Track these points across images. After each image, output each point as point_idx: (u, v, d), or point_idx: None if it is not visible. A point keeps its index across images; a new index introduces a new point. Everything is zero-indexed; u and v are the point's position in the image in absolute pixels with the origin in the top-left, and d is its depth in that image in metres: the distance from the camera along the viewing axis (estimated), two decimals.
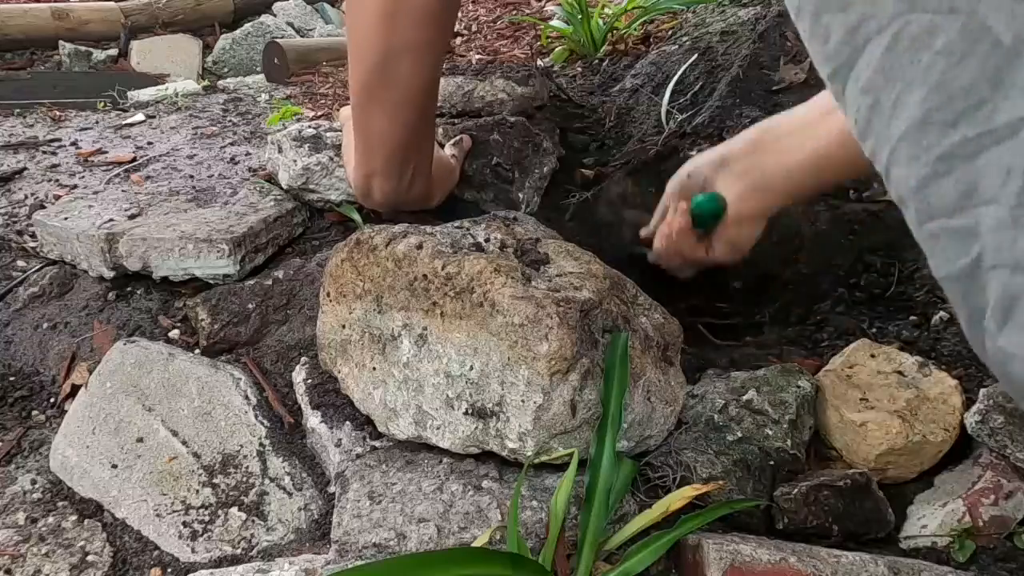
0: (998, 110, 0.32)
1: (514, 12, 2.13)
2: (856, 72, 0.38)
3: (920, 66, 0.35)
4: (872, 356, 0.88)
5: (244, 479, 0.81)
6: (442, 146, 1.08)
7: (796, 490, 0.75)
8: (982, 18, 0.33)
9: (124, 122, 1.62)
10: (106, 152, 1.45)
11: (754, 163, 0.87)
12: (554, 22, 1.79)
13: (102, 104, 1.80)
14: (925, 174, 0.35)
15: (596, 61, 1.56)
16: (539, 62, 1.66)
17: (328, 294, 0.82)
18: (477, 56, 1.83)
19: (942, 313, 0.98)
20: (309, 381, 0.87)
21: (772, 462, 0.77)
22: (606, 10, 1.68)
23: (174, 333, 0.99)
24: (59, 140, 1.54)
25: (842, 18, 0.38)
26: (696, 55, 1.30)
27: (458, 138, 1.10)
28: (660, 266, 1.03)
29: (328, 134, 1.11)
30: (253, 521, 0.79)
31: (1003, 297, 0.33)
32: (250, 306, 0.98)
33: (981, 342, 0.35)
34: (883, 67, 0.37)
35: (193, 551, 0.77)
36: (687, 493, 0.70)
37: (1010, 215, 0.32)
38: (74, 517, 0.82)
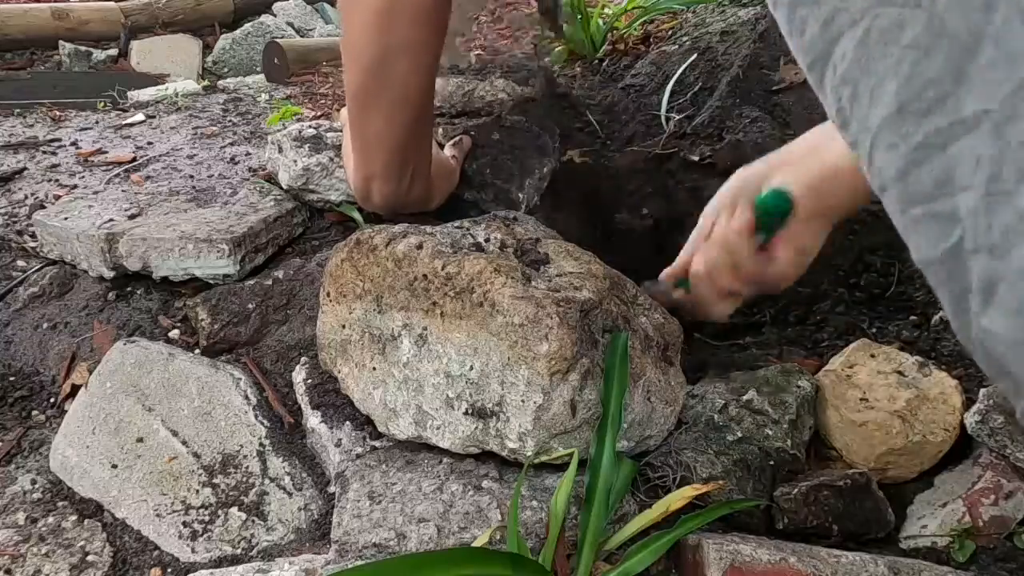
0: (962, 102, 0.34)
1: (514, 12, 2.13)
2: (832, 63, 0.40)
3: (892, 59, 0.36)
4: (872, 356, 0.88)
5: (244, 479, 0.81)
6: (442, 146, 1.08)
7: (796, 490, 0.75)
8: (941, 14, 0.34)
9: (124, 122, 1.62)
10: (106, 152, 1.45)
11: (818, 158, 0.78)
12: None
13: (102, 104, 1.80)
14: (904, 162, 0.37)
15: (596, 61, 1.56)
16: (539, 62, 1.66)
17: (328, 294, 0.82)
18: (477, 56, 1.83)
19: (942, 313, 0.98)
20: (309, 381, 0.87)
21: (772, 462, 0.77)
22: (606, 10, 1.68)
23: (174, 333, 0.99)
24: (59, 140, 1.54)
25: (816, 11, 0.39)
26: (696, 55, 1.30)
27: (458, 138, 1.10)
28: (687, 308, 0.88)
29: (328, 134, 1.11)
30: (253, 521, 0.79)
31: (983, 280, 0.34)
32: (250, 306, 0.97)
33: (966, 324, 0.36)
34: (858, 59, 0.38)
35: (193, 551, 0.77)
36: (687, 493, 0.70)
37: (983, 202, 0.33)
38: (74, 517, 0.82)
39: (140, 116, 1.64)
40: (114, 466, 0.84)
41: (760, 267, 0.81)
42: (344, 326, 0.80)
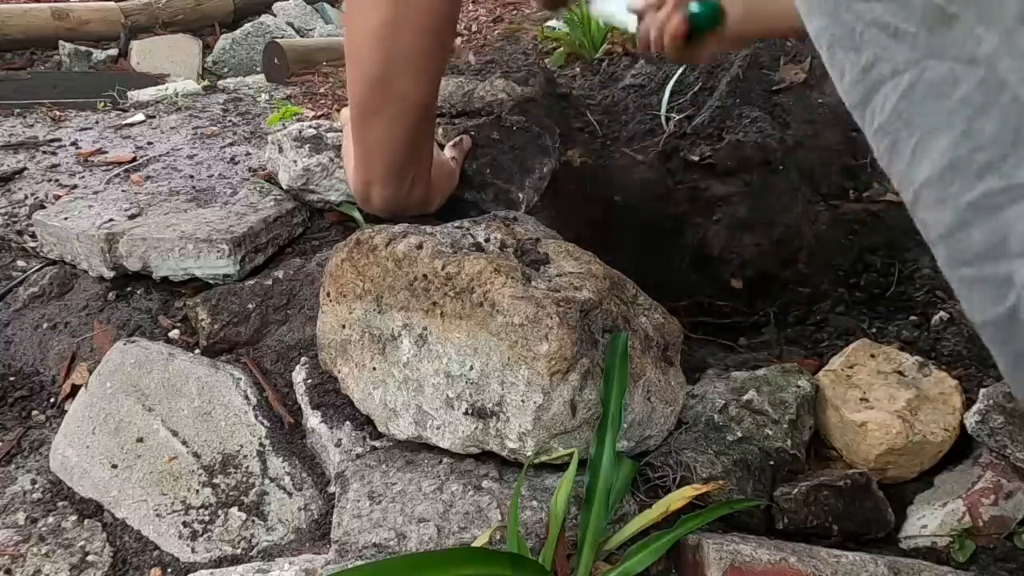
0: (1021, 165, 0.32)
1: (514, 12, 2.13)
2: (871, 110, 0.38)
3: (942, 114, 0.35)
4: (872, 356, 0.88)
5: (244, 479, 0.81)
6: (442, 147, 1.07)
7: (796, 490, 0.75)
8: (1002, 74, 0.33)
9: (124, 122, 1.62)
10: (106, 152, 1.45)
11: None
12: (552, 23, 1.79)
13: (102, 104, 1.80)
14: (953, 221, 0.35)
15: (595, 61, 1.56)
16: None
17: (328, 294, 0.82)
18: (477, 56, 1.83)
19: (942, 313, 0.98)
20: (309, 381, 0.87)
21: (772, 462, 0.77)
22: None
23: (174, 333, 0.99)
24: (59, 140, 1.54)
25: (854, 57, 0.38)
26: None
27: (458, 139, 1.10)
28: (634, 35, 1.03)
29: (329, 134, 1.11)
30: (253, 521, 0.79)
31: None
32: (250, 306, 0.97)
33: None
34: (899, 111, 0.36)
35: (193, 551, 0.77)
36: (687, 493, 0.70)
37: None
38: (74, 517, 0.82)
39: (140, 116, 1.64)
40: (114, 466, 0.84)
41: (677, 55, 0.95)
42: (344, 326, 0.80)
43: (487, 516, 0.69)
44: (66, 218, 1.08)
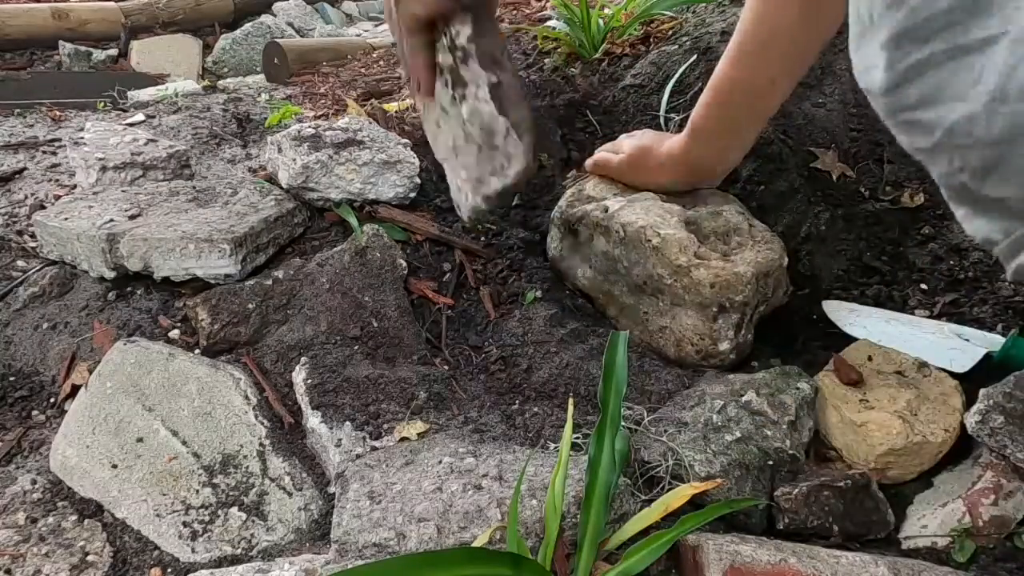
0: (971, 30, 0.40)
1: (514, 11, 2.13)
2: None
3: None
4: (871, 357, 0.88)
5: (244, 479, 0.81)
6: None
7: (796, 490, 0.75)
8: None
9: (124, 122, 1.62)
10: None
11: None
12: (552, 23, 1.79)
13: (102, 104, 1.80)
14: (896, 79, 0.44)
15: (595, 61, 1.56)
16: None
17: None
18: None
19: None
20: (309, 381, 0.87)
21: (771, 462, 0.77)
22: (605, 10, 1.68)
23: (174, 333, 0.99)
24: (59, 140, 1.54)
25: None
26: (696, 55, 1.30)
27: None
28: None
29: (327, 133, 1.11)
30: (253, 521, 0.78)
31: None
32: (250, 306, 0.97)
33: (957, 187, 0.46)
34: None
35: (193, 551, 0.77)
36: (686, 492, 0.70)
37: (983, 108, 0.40)
38: (74, 517, 0.82)
39: (140, 116, 1.64)
40: (114, 466, 0.84)
41: None
42: None
43: (487, 516, 0.69)
44: (66, 218, 1.08)
